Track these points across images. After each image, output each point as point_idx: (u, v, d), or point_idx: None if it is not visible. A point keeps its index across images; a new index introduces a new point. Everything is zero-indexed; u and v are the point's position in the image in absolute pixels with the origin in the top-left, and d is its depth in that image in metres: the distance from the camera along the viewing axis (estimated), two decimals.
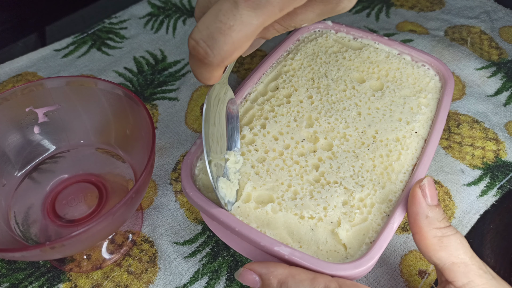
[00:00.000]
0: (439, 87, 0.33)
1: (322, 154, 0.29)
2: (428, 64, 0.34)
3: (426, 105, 0.31)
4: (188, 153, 0.28)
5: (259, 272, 0.23)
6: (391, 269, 0.31)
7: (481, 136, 0.38)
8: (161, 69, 0.45)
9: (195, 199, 0.26)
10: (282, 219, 0.26)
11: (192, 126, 0.40)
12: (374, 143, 0.29)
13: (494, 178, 0.36)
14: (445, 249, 0.23)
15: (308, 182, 0.27)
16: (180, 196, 0.35)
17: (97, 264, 0.31)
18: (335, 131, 0.30)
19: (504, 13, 0.50)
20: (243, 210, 0.26)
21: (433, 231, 0.24)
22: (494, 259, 0.32)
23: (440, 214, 0.24)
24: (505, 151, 0.37)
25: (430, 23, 0.50)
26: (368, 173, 0.28)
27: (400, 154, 0.29)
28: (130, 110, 0.30)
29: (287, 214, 0.26)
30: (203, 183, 0.28)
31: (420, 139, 0.30)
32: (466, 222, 0.34)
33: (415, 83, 0.33)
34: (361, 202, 0.27)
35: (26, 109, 0.31)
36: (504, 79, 0.43)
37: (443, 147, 0.38)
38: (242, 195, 0.27)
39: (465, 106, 0.41)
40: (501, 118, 0.40)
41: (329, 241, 0.25)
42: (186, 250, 0.32)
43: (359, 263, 0.23)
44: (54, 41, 0.48)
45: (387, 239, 0.24)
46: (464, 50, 0.45)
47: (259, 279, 0.23)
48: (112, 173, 0.33)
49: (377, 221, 0.26)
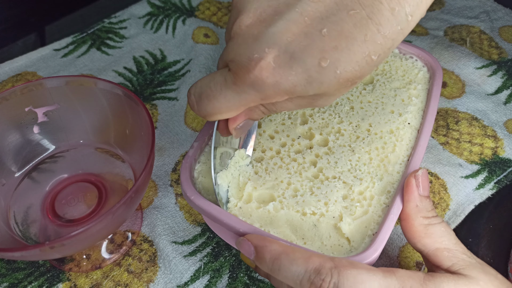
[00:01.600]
0: (427, 78, 0.33)
1: (318, 150, 0.29)
2: (416, 55, 0.34)
3: (417, 96, 0.32)
4: (186, 156, 0.28)
5: (255, 244, 0.23)
6: (390, 262, 0.32)
7: (480, 133, 0.39)
8: (160, 68, 0.45)
9: (197, 202, 0.26)
10: (284, 217, 0.26)
11: (191, 125, 0.40)
12: (369, 136, 0.30)
13: (492, 173, 0.36)
14: (429, 236, 0.24)
15: (307, 179, 0.28)
16: (181, 199, 0.35)
17: (96, 264, 0.31)
18: (329, 127, 0.30)
19: (504, 12, 0.50)
20: (245, 210, 0.26)
21: (420, 219, 0.25)
22: (492, 258, 0.32)
23: (429, 205, 0.25)
24: (503, 148, 0.38)
25: (430, 23, 0.50)
26: (365, 166, 0.28)
27: (395, 145, 0.29)
28: (129, 109, 0.30)
29: (289, 212, 0.26)
30: (203, 185, 0.28)
31: (413, 129, 0.30)
32: (460, 212, 0.34)
33: (404, 75, 0.34)
34: (360, 195, 0.27)
35: (26, 108, 0.31)
36: (505, 77, 0.43)
37: (440, 143, 0.38)
38: (243, 195, 0.27)
39: (465, 104, 0.41)
40: (501, 116, 0.40)
41: (333, 236, 0.25)
42: (185, 249, 0.32)
43: (365, 255, 0.23)
44: (54, 40, 0.48)
45: (389, 230, 0.25)
46: (463, 50, 0.45)
47: (254, 250, 0.23)
48: (111, 173, 0.33)
49: (377, 213, 0.26)
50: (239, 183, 0.27)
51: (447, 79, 0.43)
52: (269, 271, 0.23)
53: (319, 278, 0.21)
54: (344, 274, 0.21)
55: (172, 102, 0.42)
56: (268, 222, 0.26)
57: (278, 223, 0.26)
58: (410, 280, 0.22)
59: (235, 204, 0.27)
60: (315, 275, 0.21)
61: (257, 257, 0.23)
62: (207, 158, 0.29)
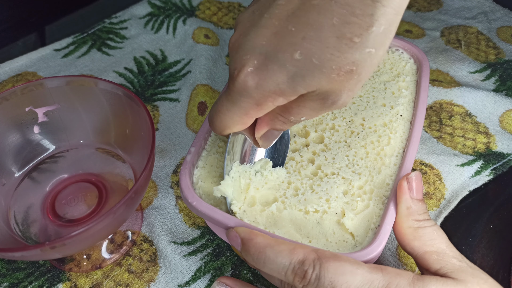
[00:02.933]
0: (415, 70, 0.34)
1: (315, 148, 0.29)
2: (402, 48, 0.35)
3: (406, 88, 0.33)
4: (184, 162, 0.28)
5: (241, 237, 0.24)
6: (389, 254, 0.32)
7: (472, 129, 0.39)
8: (161, 69, 0.45)
9: (199, 208, 0.26)
10: (288, 217, 0.26)
11: (192, 127, 0.40)
12: (363, 131, 0.30)
13: (488, 161, 0.36)
14: (419, 239, 0.24)
15: (307, 177, 0.28)
16: (180, 202, 0.35)
17: (97, 264, 0.32)
18: (324, 123, 0.31)
19: (502, 13, 0.50)
20: (250, 213, 0.27)
21: (410, 221, 0.25)
22: (493, 258, 0.32)
23: (422, 209, 0.25)
24: (495, 144, 0.38)
25: (427, 23, 0.50)
26: (362, 161, 0.28)
27: (390, 138, 0.29)
28: (130, 110, 0.30)
29: (292, 211, 0.26)
30: (203, 190, 0.28)
31: (406, 121, 0.31)
32: (453, 199, 0.34)
33: (392, 68, 0.34)
34: (360, 190, 0.27)
35: (26, 108, 0.31)
36: (498, 83, 0.43)
37: (434, 137, 0.39)
38: (247, 198, 0.27)
39: (462, 95, 0.41)
40: (496, 110, 0.40)
41: (337, 232, 0.26)
42: (185, 249, 0.32)
43: (370, 249, 0.23)
44: (54, 41, 0.48)
45: (391, 222, 0.25)
46: (458, 54, 0.46)
47: (241, 243, 0.24)
48: (112, 173, 0.33)
49: (378, 206, 0.26)
50: (240, 185, 0.27)
51: (442, 79, 0.44)
52: (255, 263, 0.23)
53: (302, 269, 0.22)
54: (326, 265, 0.22)
55: (173, 103, 0.42)
56: (273, 224, 0.26)
57: (282, 223, 0.26)
58: (398, 277, 0.22)
59: (239, 207, 0.26)
60: (298, 266, 0.22)
61: (243, 249, 0.24)
62: (205, 162, 0.29)
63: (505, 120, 0.39)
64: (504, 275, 0.31)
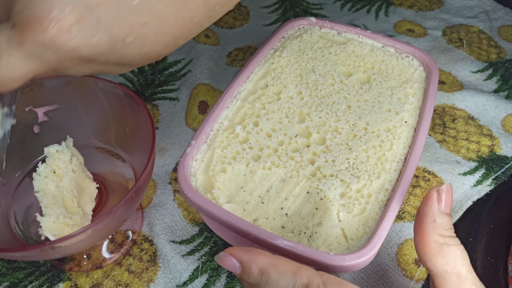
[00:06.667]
0: (423, 77, 0.34)
1: (316, 149, 0.29)
2: (412, 55, 0.35)
3: (413, 95, 0.32)
4: (184, 154, 0.28)
5: (240, 259, 0.22)
6: (388, 259, 0.32)
7: (476, 132, 0.39)
8: (161, 68, 0.45)
9: (194, 200, 0.26)
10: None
11: (192, 125, 0.40)
12: (366, 135, 0.30)
13: (489, 170, 0.36)
14: (443, 256, 0.23)
15: (305, 177, 0.28)
16: (178, 196, 0.35)
17: (97, 263, 0.32)
18: (326, 125, 0.30)
19: (504, 12, 0.50)
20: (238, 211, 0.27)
21: (435, 236, 0.23)
22: (493, 258, 0.32)
23: (448, 223, 0.24)
24: (499, 146, 0.38)
25: (429, 22, 0.50)
26: (362, 164, 0.28)
27: (392, 144, 0.29)
28: (130, 109, 0.30)
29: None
30: (201, 183, 0.28)
31: (410, 128, 0.30)
32: (458, 209, 0.34)
33: (400, 74, 0.34)
34: (358, 193, 0.27)
35: (26, 108, 0.31)
36: (500, 82, 0.43)
37: (437, 140, 0.38)
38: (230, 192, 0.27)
39: (464, 99, 0.41)
40: (497, 114, 0.40)
41: (331, 234, 0.26)
42: (183, 249, 0.32)
43: (362, 252, 0.23)
44: None
45: (387, 228, 0.25)
46: (460, 53, 0.46)
47: (240, 265, 0.22)
48: (112, 173, 0.33)
49: (375, 211, 0.26)
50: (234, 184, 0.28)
51: (445, 79, 0.44)
52: (257, 284, 0.22)
53: None
54: None
55: (173, 102, 0.42)
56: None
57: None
58: None
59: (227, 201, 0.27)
60: None
61: (243, 272, 0.22)
62: (204, 156, 0.29)
63: (508, 124, 0.39)
64: (504, 275, 0.31)
